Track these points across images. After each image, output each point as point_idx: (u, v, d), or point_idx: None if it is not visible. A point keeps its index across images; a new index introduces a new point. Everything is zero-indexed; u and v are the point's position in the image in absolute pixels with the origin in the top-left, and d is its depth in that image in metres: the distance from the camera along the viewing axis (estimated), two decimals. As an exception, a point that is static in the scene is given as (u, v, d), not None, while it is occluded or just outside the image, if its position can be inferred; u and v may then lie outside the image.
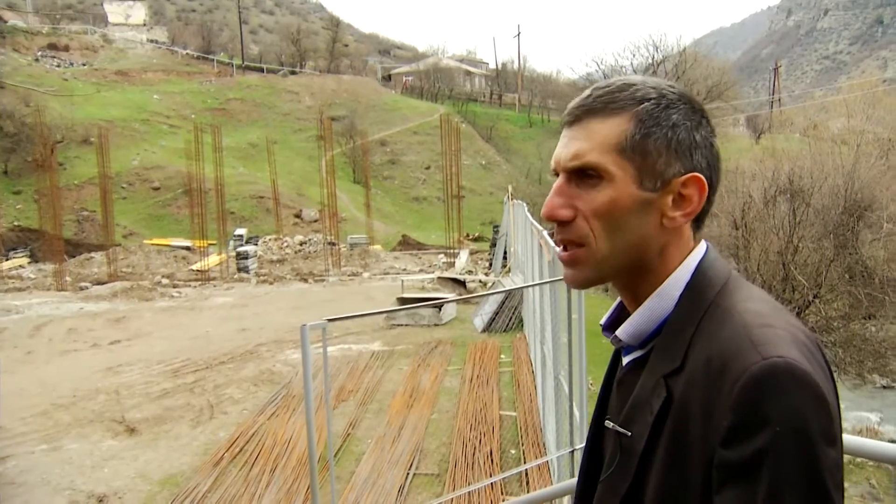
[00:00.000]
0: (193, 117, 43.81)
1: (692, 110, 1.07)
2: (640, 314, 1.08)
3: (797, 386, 0.87)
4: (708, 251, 1.10)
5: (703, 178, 1.05)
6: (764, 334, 0.93)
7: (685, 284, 1.06)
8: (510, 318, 14.12)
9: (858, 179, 17.54)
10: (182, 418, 9.31)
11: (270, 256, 26.51)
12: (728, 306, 1.00)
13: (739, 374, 0.89)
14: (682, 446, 0.95)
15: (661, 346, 1.04)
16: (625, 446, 1.04)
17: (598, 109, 1.07)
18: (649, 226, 1.06)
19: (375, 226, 33.45)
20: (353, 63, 72.72)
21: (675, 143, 1.05)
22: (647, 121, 1.05)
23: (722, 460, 0.89)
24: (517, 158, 52.33)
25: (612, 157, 1.05)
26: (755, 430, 0.86)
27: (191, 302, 19.16)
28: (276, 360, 12.04)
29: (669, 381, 0.99)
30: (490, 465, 7.30)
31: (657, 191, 1.05)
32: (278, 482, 6.98)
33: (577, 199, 1.06)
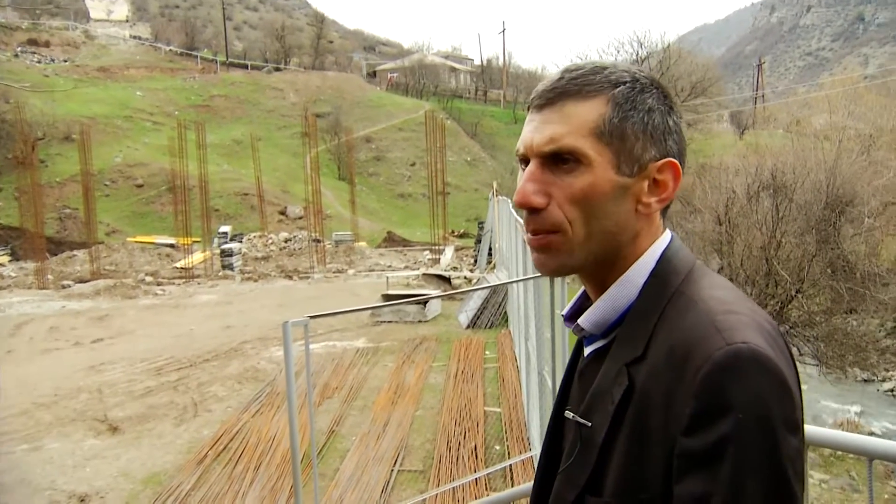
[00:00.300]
0: (177, 114, 43.54)
1: (664, 95, 1.06)
2: (602, 302, 1.06)
3: (761, 372, 0.86)
4: (673, 240, 1.08)
5: (677, 163, 1.05)
6: (728, 320, 0.91)
7: (649, 272, 1.04)
8: (495, 315, 14.14)
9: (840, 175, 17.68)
10: (165, 416, 9.25)
11: (255, 254, 26.39)
12: (692, 294, 0.99)
13: (703, 361, 0.87)
14: (642, 436, 0.93)
15: (623, 335, 1.02)
16: (585, 437, 1.01)
17: (574, 92, 1.03)
18: (625, 212, 1.03)
19: (360, 223, 33.39)
20: (337, 59, 72.58)
21: (652, 127, 1.03)
22: (624, 104, 1.02)
23: (683, 449, 0.87)
24: (502, 155, 52.36)
25: (589, 142, 1.01)
26: (718, 416, 0.85)
27: (175, 300, 19.05)
28: (261, 358, 12.00)
29: (631, 369, 0.97)
30: (475, 461, 7.30)
31: (634, 176, 1.03)
32: (262, 480, 6.96)
33: (552, 185, 1.03)
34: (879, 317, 18.86)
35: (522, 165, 1.07)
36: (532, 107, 1.07)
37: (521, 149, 1.07)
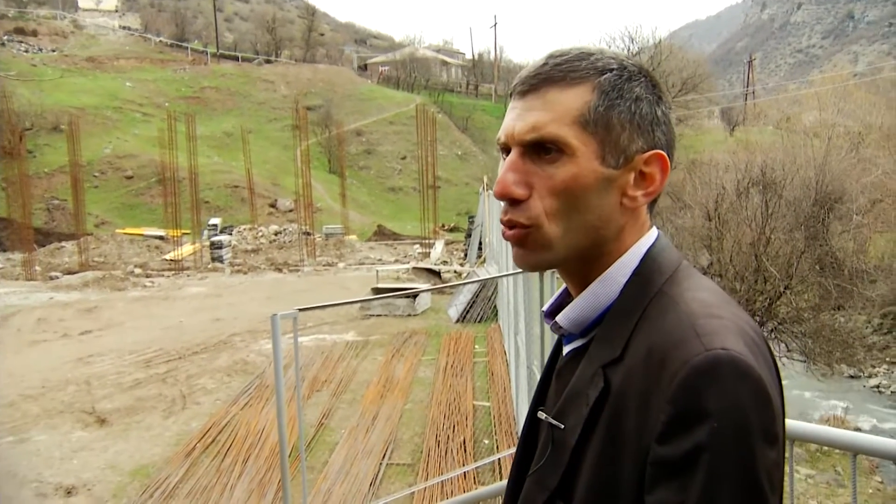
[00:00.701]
0: (167, 105, 43.31)
1: (652, 84, 1.01)
2: (583, 300, 1.00)
3: (739, 380, 0.82)
4: (658, 237, 1.02)
5: (666, 155, 0.99)
6: (709, 324, 0.87)
7: (632, 270, 0.98)
8: (484, 309, 14.15)
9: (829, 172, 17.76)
10: (154, 409, 9.24)
11: (245, 246, 26.33)
12: (674, 295, 0.94)
13: (680, 366, 0.83)
14: (616, 440, 0.88)
15: (601, 335, 0.97)
16: (557, 439, 0.96)
17: (558, 78, 0.97)
18: (608, 206, 0.98)
19: (351, 216, 33.36)
20: (329, 52, 72.41)
21: (639, 117, 0.98)
22: (610, 92, 0.97)
23: (656, 456, 0.82)
24: (493, 149, 51.68)
25: (573, 130, 0.96)
26: (693, 424, 0.80)
27: (164, 292, 18.98)
28: (250, 350, 11.98)
29: (608, 371, 0.92)
30: (463, 455, 7.32)
31: (619, 167, 0.97)
32: (251, 473, 6.96)
33: (533, 175, 0.97)
34: (867, 313, 18.99)
35: (504, 154, 1.02)
36: (514, 93, 1.01)
37: (501, 137, 1.02)
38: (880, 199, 21.25)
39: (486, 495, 2.84)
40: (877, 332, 18.48)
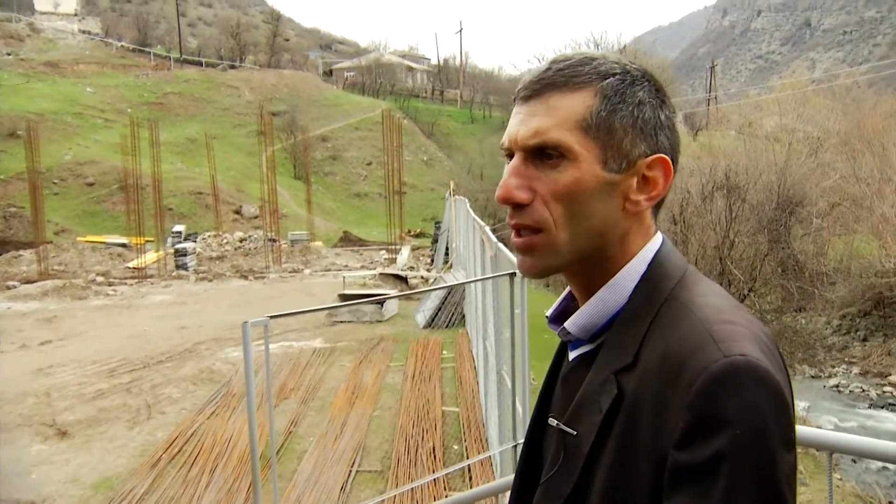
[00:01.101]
0: (129, 111, 42.75)
1: (655, 89, 1.01)
2: (591, 306, 1.01)
3: (759, 386, 0.82)
4: (664, 242, 1.03)
5: (669, 159, 0.99)
6: (725, 330, 0.87)
7: (640, 276, 0.99)
8: (452, 314, 14.14)
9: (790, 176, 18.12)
10: (118, 419, 9.06)
11: (210, 253, 26.04)
12: (686, 300, 0.94)
13: (698, 372, 0.83)
14: (631, 446, 0.88)
15: (611, 341, 0.97)
16: (569, 446, 0.96)
17: (561, 83, 0.98)
18: (612, 210, 0.98)
19: (316, 222, 33.19)
20: (293, 58, 72.08)
21: (641, 121, 0.98)
22: (612, 97, 0.97)
23: (675, 463, 0.83)
24: (459, 154, 52.53)
25: (575, 135, 0.96)
26: (713, 431, 0.81)
27: (127, 300, 18.68)
28: (216, 359, 11.83)
29: (620, 377, 0.92)
30: (433, 461, 7.29)
31: (622, 172, 0.97)
32: (218, 482, 6.86)
33: (536, 180, 0.98)
34: (826, 314, 19.37)
35: (507, 159, 1.03)
36: (517, 98, 1.02)
37: (505, 142, 1.02)
38: (839, 202, 21.72)
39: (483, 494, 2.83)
40: (836, 332, 18.86)
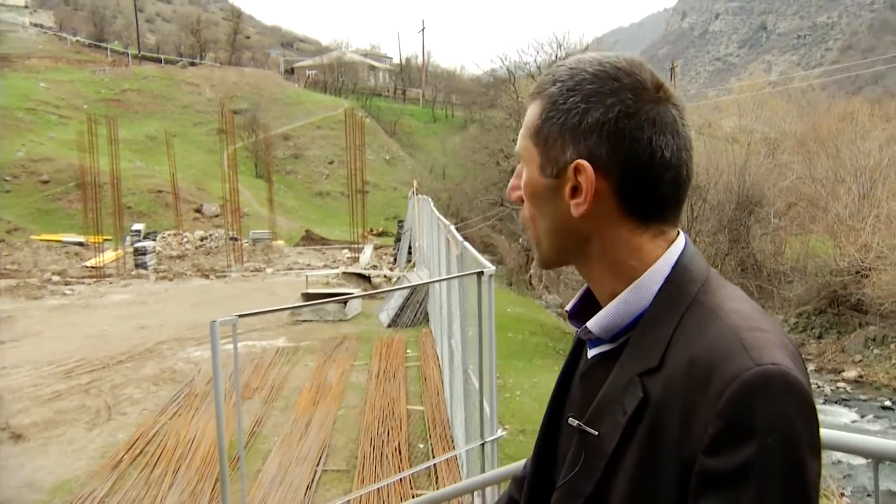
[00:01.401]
0: (86, 108, 41.93)
1: (603, 91, 0.97)
2: (614, 307, 1.01)
3: (790, 395, 0.84)
4: (687, 245, 1.03)
5: (588, 164, 0.97)
6: (755, 338, 0.88)
7: (664, 279, 0.99)
8: (416, 313, 14.15)
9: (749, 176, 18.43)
10: (76, 421, 8.91)
11: (170, 252, 25.67)
12: (713, 305, 0.95)
13: (729, 379, 0.84)
14: (657, 449, 0.90)
15: (635, 343, 0.98)
16: (590, 446, 0.98)
17: (531, 94, 1.05)
18: (561, 213, 1.01)
19: (278, 221, 32.93)
20: (254, 56, 71.37)
21: (568, 127, 0.98)
22: (547, 105, 1.01)
23: (704, 468, 0.84)
24: (421, 153, 52.53)
25: (526, 142, 1.04)
26: (744, 438, 0.82)
27: (85, 300, 18.34)
28: (178, 359, 11.68)
29: (645, 380, 0.93)
30: (399, 460, 7.30)
31: (556, 177, 1.00)
32: (181, 483, 6.79)
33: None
34: (784, 312, 19.78)
35: None
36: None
37: None
38: (795, 202, 22.19)
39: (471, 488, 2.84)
40: (793, 330, 19.26)
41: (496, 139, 35.26)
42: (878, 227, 19.60)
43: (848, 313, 19.69)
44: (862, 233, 19.69)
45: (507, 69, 37.38)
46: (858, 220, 20.42)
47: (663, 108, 0.98)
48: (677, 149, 0.98)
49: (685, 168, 1.00)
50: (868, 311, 19.22)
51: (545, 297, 26.99)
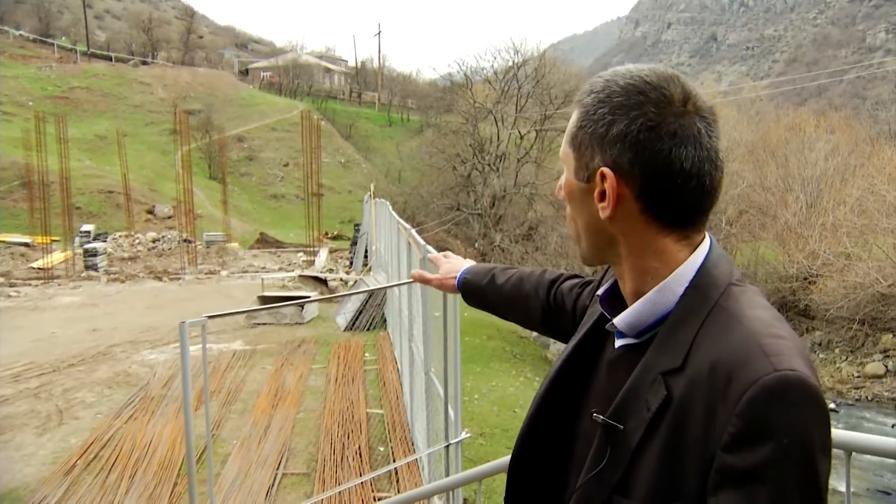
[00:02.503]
0: (31, 105, 40.89)
1: (629, 104, 1.04)
2: (641, 306, 1.09)
3: (806, 400, 0.89)
4: (712, 249, 1.10)
5: (611, 172, 1.05)
6: (776, 345, 0.94)
7: (689, 282, 1.06)
8: (373, 317, 14.11)
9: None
10: (25, 426, 8.66)
11: (121, 254, 25.18)
12: (734, 311, 1.01)
13: (749, 383, 0.90)
14: (679, 446, 0.96)
15: (660, 343, 1.05)
16: (616, 440, 1.04)
17: (574, 102, 1.14)
18: (592, 215, 1.11)
19: (232, 223, 32.53)
20: (208, 56, 70.50)
21: (597, 137, 1.06)
22: (583, 114, 1.09)
23: (723, 464, 0.90)
24: (377, 157, 52.40)
25: (566, 148, 1.15)
26: (763, 438, 0.88)
27: (32, 302, 17.86)
28: (132, 361, 11.45)
29: (668, 379, 1.00)
30: (359, 463, 7.28)
31: (587, 182, 1.10)
32: (139, 488, 6.66)
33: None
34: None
35: None
36: None
37: None
38: (746, 209, 22.73)
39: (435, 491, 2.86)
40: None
41: (453, 144, 35.35)
42: (825, 235, 20.17)
43: (796, 319, 20.21)
44: (809, 240, 20.25)
45: (465, 74, 37.49)
46: (806, 228, 21.01)
47: (687, 120, 1.04)
48: (699, 160, 1.04)
49: (708, 178, 1.05)
50: (815, 316, 19.77)
51: (501, 301, 27.14)
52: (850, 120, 35.65)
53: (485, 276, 1.82)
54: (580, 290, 1.59)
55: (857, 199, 20.77)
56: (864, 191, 20.74)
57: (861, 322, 18.96)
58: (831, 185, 22.74)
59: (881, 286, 17.94)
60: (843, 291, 18.56)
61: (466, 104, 35.38)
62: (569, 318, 1.57)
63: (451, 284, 1.89)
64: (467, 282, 1.86)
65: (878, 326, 18.82)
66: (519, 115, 34.28)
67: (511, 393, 11.47)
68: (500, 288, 1.77)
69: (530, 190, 32.21)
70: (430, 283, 1.97)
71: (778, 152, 25.69)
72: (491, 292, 1.79)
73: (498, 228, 32.03)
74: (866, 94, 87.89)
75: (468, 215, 33.72)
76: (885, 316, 18.63)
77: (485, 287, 1.81)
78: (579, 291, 1.59)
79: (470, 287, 1.85)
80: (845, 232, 19.61)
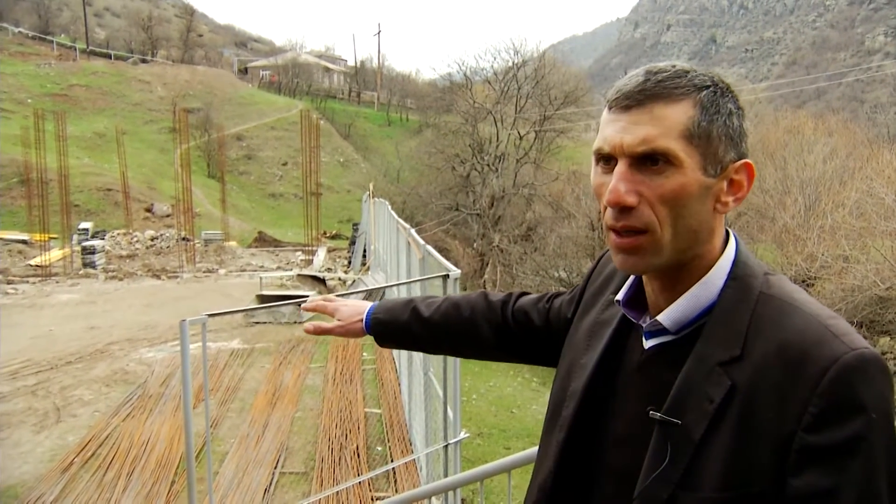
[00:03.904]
0: (31, 102, 40.83)
1: (736, 99, 1.10)
2: (685, 301, 1.09)
3: (884, 375, 0.94)
4: (739, 242, 1.13)
5: (752, 164, 1.10)
6: (840, 325, 0.98)
7: (727, 274, 1.09)
8: (372, 317, 14.07)
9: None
10: (23, 424, 8.66)
11: (119, 252, 25.14)
12: (784, 297, 1.04)
13: (829, 363, 0.93)
14: (748, 433, 0.97)
15: (709, 335, 1.05)
16: (675, 436, 1.03)
17: (663, 95, 1.06)
18: (706, 211, 1.07)
19: (231, 222, 32.49)
20: (207, 54, 70.43)
21: (731, 130, 1.07)
22: (709, 108, 1.06)
23: (806, 444, 0.92)
24: (375, 157, 52.37)
25: (680, 143, 1.05)
26: (850, 415, 0.91)
27: (30, 299, 17.83)
28: (130, 359, 11.44)
29: (729, 369, 1.01)
30: (357, 463, 7.28)
31: (717, 177, 1.07)
32: (136, 486, 6.67)
33: (642, 184, 1.06)
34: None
35: (601, 163, 1.12)
36: (616, 107, 1.09)
37: (605, 147, 1.09)
38: (744, 212, 22.72)
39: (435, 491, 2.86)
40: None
41: (452, 144, 35.28)
42: (823, 238, 20.16)
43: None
44: (808, 243, 20.24)
45: (464, 74, 37.46)
46: (804, 231, 21.00)
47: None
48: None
49: None
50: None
51: (499, 301, 27.12)
52: (848, 123, 35.69)
53: (403, 311, 1.66)
54: (549, 304, 1.54)
55: (856, 201, 20.77)
56: (863, 193, 20.73)
57: (859, 325, 18.96)
58: (829, 188, 22.76)
59: (879, 289, 17.95)
60: (841, 294, 18.56)
61: (466, 104, 35.29)
62: (540, 335, 1.52)
63: (356, 328, 1.71)
64: (379, 321, 1.68)
65: (876, 329, 18.83)
66: (518, 116, 34.23)
67: (509, 393, 11.47)
68: (429, 320, 1.63)
69: (529, 191, 32.17)
70: (331, 332, 1.76)
71: (776, 154, 25.69)
72: (417, 326, 1.64)
73: (496, 229, 31.99)
74: (865, 97, 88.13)
75: (467, 215, 33.67)
76: (882, 319, 18.63)
77: (406, 322, 1.65)
78: (548, 305, 1.54)
79: (384, 326, 1.67)
80: (843, 234, 19.61)
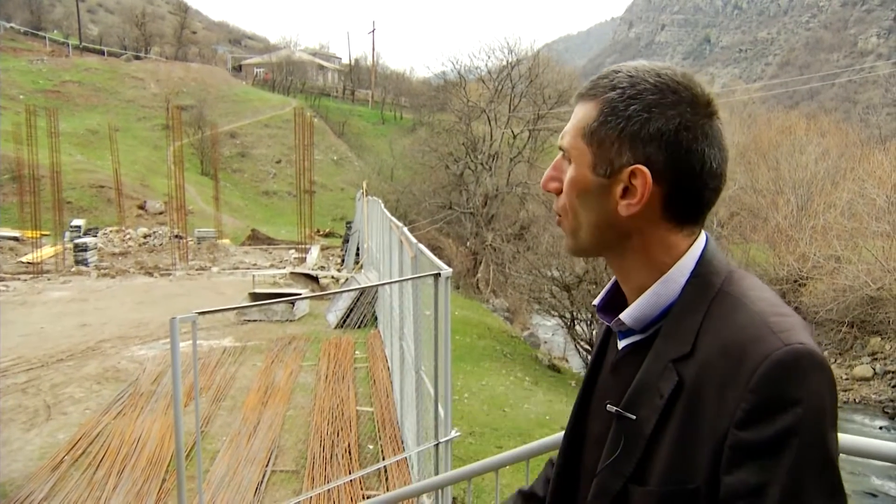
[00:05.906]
0: (23, 98, 40.66)
1: (665, 103, 1.05)
2: (645, 299, 1.10)
3: (817, 370, 0.92)
4: (709, 242, 1.12)
5: (647, 170, 1.05)
6: (782, 322, 0.97)
7: (690, 272, 1.08)
8: (364, 315, 14.10)
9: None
10: (12, 421, 8.61)
11: (112, 249, 25.07)
12: (738, 294, 1.03)
13: (761, 359, 0.92)
14: (692, 429, 0.97)
15: (667, 332, 1.06)
16: (629, 429, 1.05)
17: (587, 96, 1.11)
18: (607, 210, 1.09)
19: (224, 219, 32.41)
20: (201, 51, 70.31)
21: (627, 133, 1.06)
22: (606, 110, 1.07)
23: (738, 440, 0.92)
24: (369, 155, 52.31)
25: (577, 141, 1.11)
26: (779, 411, 0.90)
27: (21, 296, 17.76)
28: (122, 357, 11.41)
29: (679, 366, 1.01)
30: (349, 461, 7.28)
31: (608, 178, 1.08)
32: (127, 484, 6.64)
33: (563, 174, 1.14)
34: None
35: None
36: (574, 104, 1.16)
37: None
38: (738, 212, 22.84)
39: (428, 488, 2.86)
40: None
41: (446, 142, 35.28)
42: (815, 238, 20.27)
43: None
44: (800, 243, 20.35)
45: (459, 72, 37.42)
46: (797, 231, 21.10)
47: (714, 121, 1.09)
48: (722, 160, 1.09)
49: (724, 178, 1.11)
50: (804, 318, 19.79)
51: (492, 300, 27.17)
52: (840, 123, 35.88)
53: None
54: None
55: (847, 202, 20.89)
56: (854, 194, 20.85)
57: (850, 325, 19.08)
58: (822, 188, 22.88)
59: (870, 289, 18.05)
60: (833, 294, 18.67)
61: (460, 103, 35.29)
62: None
63: None
64: None
65: (867, 329, 18.94)
66: (512, 115, 34.23)
67: (501, 392, 11.47)
68: None
69: (522, 189, 32.17)
70: None
71: (769, 155, 25.81)
72: None
73: (490, 227, 32.01)
74: (857, 98, 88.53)
75: (460, 214, 33.68)
76: (873, 319, 18.74)
77: None
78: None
79: None
80: (835, 235, 19.72)
